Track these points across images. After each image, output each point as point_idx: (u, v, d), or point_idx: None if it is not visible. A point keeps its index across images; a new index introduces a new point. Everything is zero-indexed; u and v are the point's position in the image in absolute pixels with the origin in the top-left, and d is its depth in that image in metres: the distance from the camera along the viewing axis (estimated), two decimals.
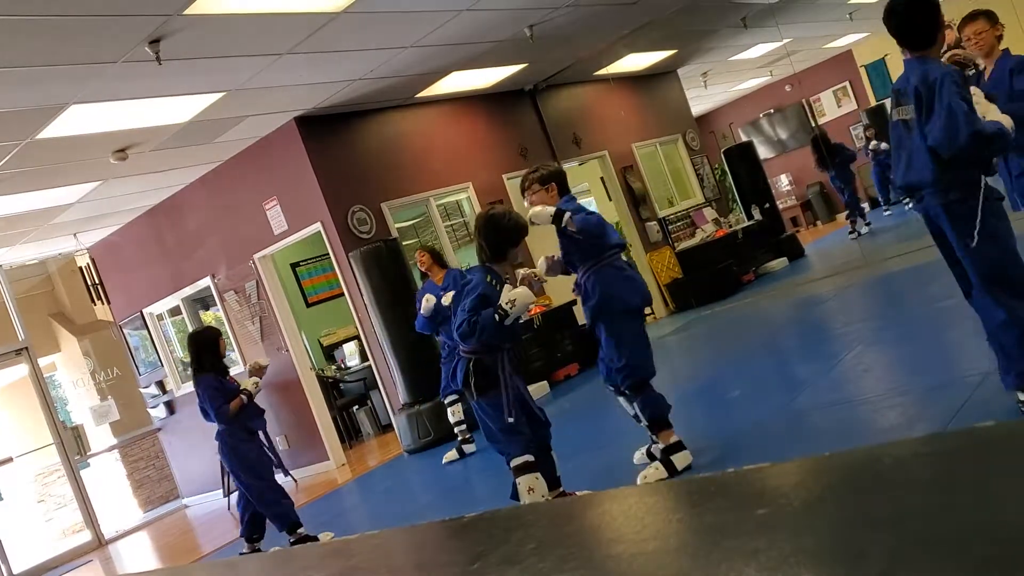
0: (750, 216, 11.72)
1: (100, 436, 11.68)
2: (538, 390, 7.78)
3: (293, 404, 8.82)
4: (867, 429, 3.69)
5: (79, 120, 5.99)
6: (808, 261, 11.34)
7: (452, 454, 6.61)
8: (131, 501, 11.71)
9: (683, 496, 0.76)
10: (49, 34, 4.66)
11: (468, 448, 6.60)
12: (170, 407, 10.19)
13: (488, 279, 3.81)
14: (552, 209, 4.03)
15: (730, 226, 11.48)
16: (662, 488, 0.81)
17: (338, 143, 8.29)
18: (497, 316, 3.69)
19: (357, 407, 10.19)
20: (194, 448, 9.85)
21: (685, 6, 8.84)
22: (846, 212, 11.72)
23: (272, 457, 5.61)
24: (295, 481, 8.68)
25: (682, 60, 11.82)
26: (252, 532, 5.61)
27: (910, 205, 12.05)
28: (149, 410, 10.53)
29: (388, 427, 9.38)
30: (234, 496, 8.70)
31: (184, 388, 9.98)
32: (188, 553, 7.34)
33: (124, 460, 11.68)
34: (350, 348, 10.38)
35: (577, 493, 4.03)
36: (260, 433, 5.59)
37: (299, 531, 5.41)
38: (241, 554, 5.56)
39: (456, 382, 3.95)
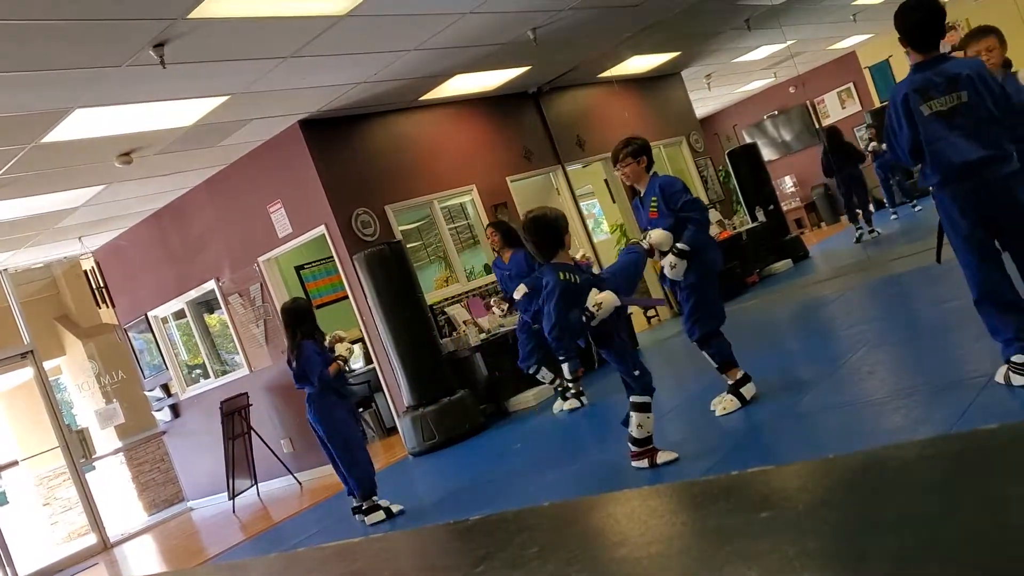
0: (754, 218, 11.71)
1: (105, 439, 11.70)
2: (543, 392, 7.78)
3: (298, 407, 8.82)
4: (871, 431, 3.68)
5: (84, 124, 6.00)
6: (812, 263, 11.31)
7: (573, 403, 6.82)
8: (136, 504, 11.73)
9: (687, 499, 0.76)
10: (53, 38, 4.67)
11: (570, 404, 6.79)
12: (175, 410, 10.20)
13: (561, 276, 4.00)
14: (669, 236, 4.51)
15: (734, 228, 11.47)
16: (666, 491, 0.81)
17: (342, 146, 8.30)
18: (584, 318, 3.93)
19: (361, 410, 10.19)
20: (199, 451, 9.86)
21: (688, 8, 8.84)
22: (857, 214, 11.47)
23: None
24: (300, 484, 8.73)
25: (686, 62, 11.82)
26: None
27: (918, 208, 12.07)
28: (154, 413, 10.54)
29: (392, 430, 9.38)
30: (239, 498, 8.74)
31: (189, 391, 10.00)
32: (193, 556, 7.35)
33: (129, 463, 11.70)
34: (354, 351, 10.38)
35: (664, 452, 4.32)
36: (343, 396, 5.76)
37: (374, 498, 5.59)
38: (353, 508, 5.73)
39: (571, 346, 4.21)
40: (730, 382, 4.72)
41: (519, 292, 6.53)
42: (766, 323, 8.09)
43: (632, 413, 4.21)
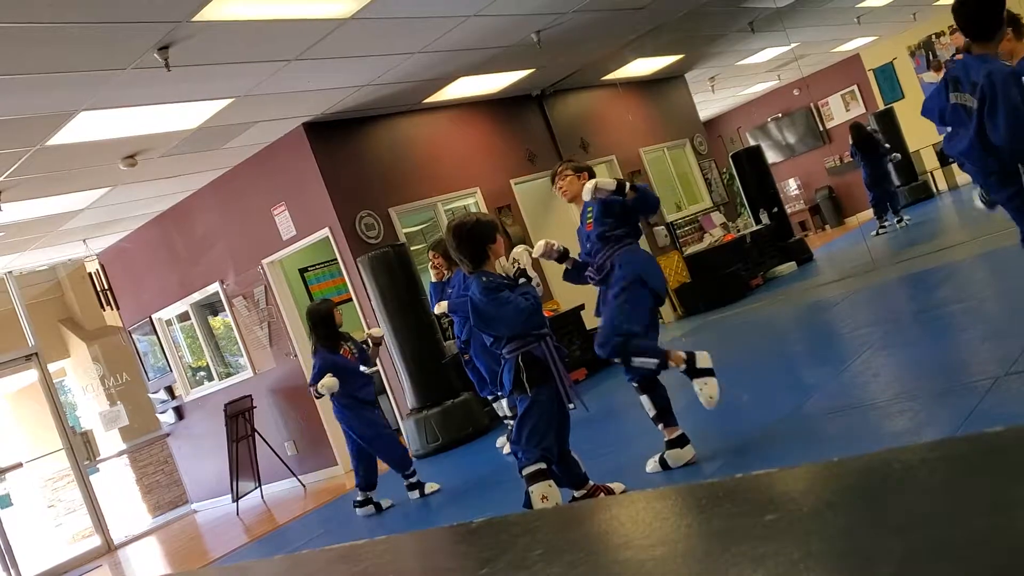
0: (758, 220, 11.70)
1: (109, 441, 11.71)
2: None
3: (301, 409, 8.83)
4: (876, 434, 3.67)
5: (88, 127, 6.02)
6: (816, 265, 11.30)
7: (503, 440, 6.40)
8: (140, 506, 11.75)
9: (691, 501, 0.76)
10: (58, 41, 4.68)
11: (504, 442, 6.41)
12: (179, 412, 10.21)
13: (483, 279, 3.75)
14: (614, 181, 4.26)
15: (738, 230, 11.46)
16: (670, 493, 0.81)
17: (346, 148, 8.31)
18: (523, 281, 3.78)
19: None
20: (203, 453, 9.87)
21: (692, 11, 8.84)
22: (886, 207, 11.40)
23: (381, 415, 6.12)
24: (304, 487, 8.73)
25: (689, 65, 11.82)
26: (367, 482, 6.01)
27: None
28: (158, 415, 10.56)
29: (396, 432, 9.39)
30: (243, 500, 8.74)
31: (193, 393, 10.01)
32: (197, 558, 7.36)
33: (133, 465, 11.72)
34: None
35: (611, 485, 4.04)
36: (363, 401, 5.95)
37: (410, 469, 5.95)
38: (355, 502, 6.07)
39: (505, 388, 3.86)
40: (683, 370, 4.35)
41: (439, 308, 6.14)
42: (770, 326, 8.08)
43: (529, 488, 3.69)
